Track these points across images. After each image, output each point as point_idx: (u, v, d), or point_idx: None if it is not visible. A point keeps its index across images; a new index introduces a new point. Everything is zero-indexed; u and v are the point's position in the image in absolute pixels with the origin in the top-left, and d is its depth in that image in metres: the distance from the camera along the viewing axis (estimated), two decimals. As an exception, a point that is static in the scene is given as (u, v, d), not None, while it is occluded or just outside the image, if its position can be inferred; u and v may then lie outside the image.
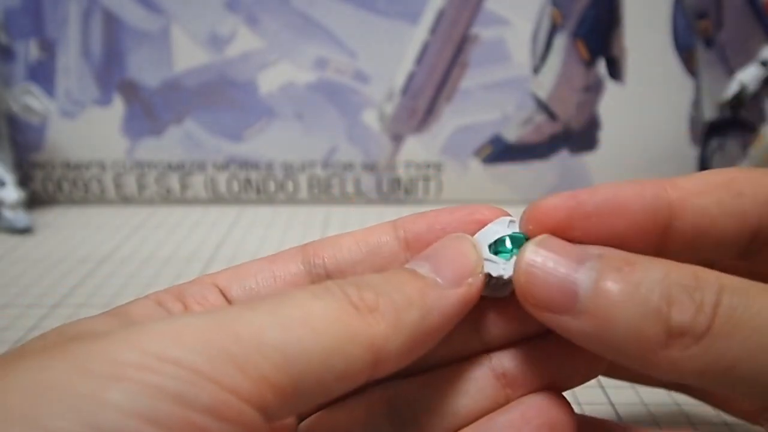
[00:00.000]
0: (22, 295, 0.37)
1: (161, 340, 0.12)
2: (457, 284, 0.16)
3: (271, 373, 0.13)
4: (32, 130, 0.50)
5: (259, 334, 0.13)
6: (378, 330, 0.14)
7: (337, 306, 0.14)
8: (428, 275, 0.16)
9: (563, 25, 0.49)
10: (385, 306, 0.15)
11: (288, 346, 0.13)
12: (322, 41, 0.49)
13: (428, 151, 0.51)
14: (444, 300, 0.15)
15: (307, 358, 0.13)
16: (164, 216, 0.50)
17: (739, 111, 0.49)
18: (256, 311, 0.14)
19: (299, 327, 0.13)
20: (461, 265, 0.16)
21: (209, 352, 0.12)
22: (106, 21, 0.49)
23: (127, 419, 0.11)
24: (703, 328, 0.14)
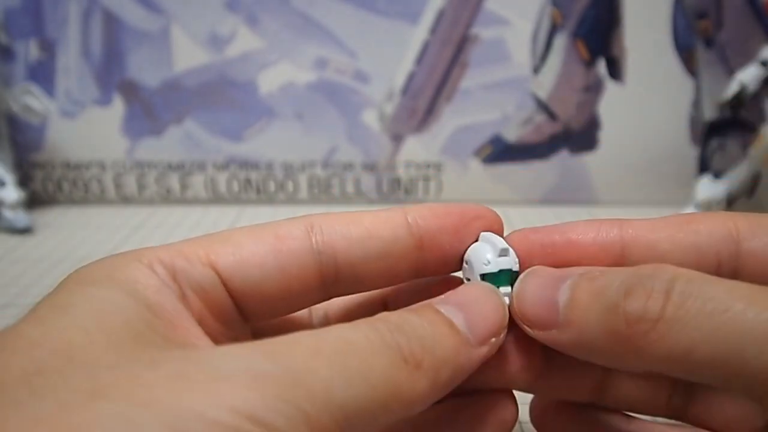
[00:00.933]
0: (22, 295, 0.37)
1: (246, 395, 0.12)
2: (483, 343, 0.17)
3: (330, 427, 0.13)
4: (32, 130, 0.50)
5: (329, 392, 0.13)
6: (420, 389, 0.15)
7: (393, 361, 0.15)
8: (462, 329, 0.16)
9: (563, 25, 0.49)
10: (428, 363, 0.15)
11: (349, 405, 0.13)
12: (322, 41, 0.49)
13: (428, 151, 0.51)
14: (471, 358, 0.16)
15: (362, 415, 0.14)
16: (164, 216, 0.50)
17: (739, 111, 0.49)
18: (323, 363, 0.14)
19: (360, 383, 0.14)
20: (491, 324, 0.17)
21: (291, 413, 0.12)
22: (106, 21, 0.49)
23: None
24: (655, 313, 0.15)
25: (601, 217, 0.19)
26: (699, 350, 0.14)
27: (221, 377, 0.12)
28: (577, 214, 0.51)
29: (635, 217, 0.18)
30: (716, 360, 0.14)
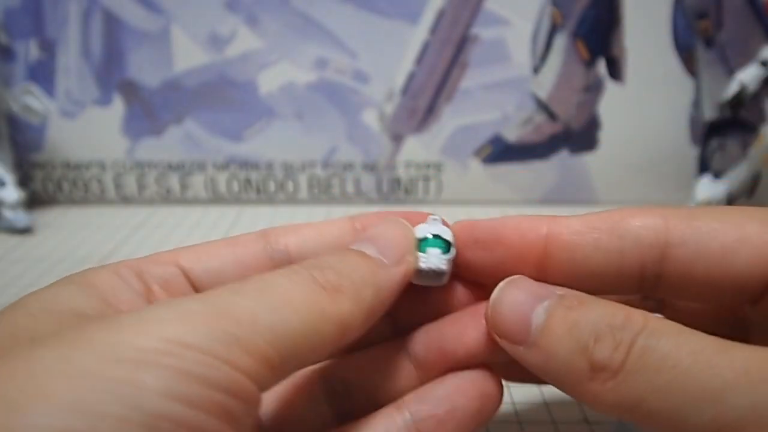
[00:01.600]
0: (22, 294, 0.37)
1: (174, 327, 0.13)
2: (398, 263, 0.18)
3: (266, 350, 0.14)
4: (32, 130, 0.51)
5: (253, 315, 0.14)
6: (344, 308, 0.16)
7: (310, 289, 0.16)
8: (376, 256, 0.18)
9: (563, 25, 0.49)
10: (347, 287, 0.17)
11: (277, 326, 0.15)
12: (322, 41, 0.49)
13: (428, 151, 0.51)
14: (391, 277, 0.18)
15: (293, 336, 0.15)
16: (164, 216, 0.50)
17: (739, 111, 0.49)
18: (246, 296, 0.15)
19: (284, 309, 0.15)
20: (401, 245, 0.19)
21: (220, 336, 0.14)
22: (106, 21, 0.49)
23: (165, 400, 0.12)
24: (617, 364, 0.15)
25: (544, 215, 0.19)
26: (647, 403, 0.15)
27: (152, 318, 0.14)
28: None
29: None
30: (662, 414, 0.15)
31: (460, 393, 0.18)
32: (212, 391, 0.13)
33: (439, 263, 0.19)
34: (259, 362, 0.14)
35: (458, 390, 0.19)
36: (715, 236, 0.17)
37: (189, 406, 0.12)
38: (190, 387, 0.13)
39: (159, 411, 0.12)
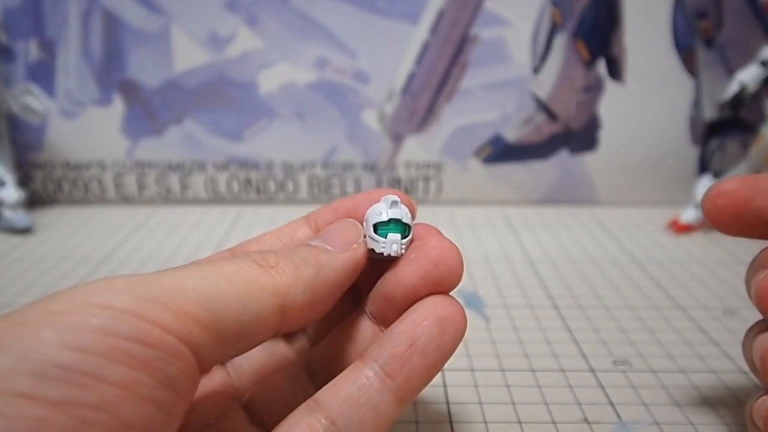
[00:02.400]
0: (23, 295, 0.37)
1: (91, 291, 0.14)
2: (344, 250, 0.19)
3: (191, 308, 0.15)
4: (32, 130, 0.51)
5: (179, 281, 0.15)
6: (281, 279, 0.17)
7: (245, 264, 0.17)
8: (319, 244, 0.19)
9: (563, 25, 0.49)
10: (284, 264, 0.18)
11: (204, 289, 0.15)
12: (322, 41, 0.49)
13: (428, 151, 0.51)
14: (334, 259, 0.19)
15: (223, 298, 0.16)
16: (164, 216, 0.50)
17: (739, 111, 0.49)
18: (176, 270, 0.16)
19: (214, 276, 0.16)
20: (346, 236, 0.20)
21: (134, 295, 0.14)
22: (106, 21, 0.49)
23: (57, 349, 0.13)
24: None
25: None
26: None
27: (81, 287, 0.15)
28: (577, 214, 0.51)
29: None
30: None
31: (415, 324, 0.19)
32: (113, 339, 0.13)
33: (397, 250, 0.20)
34: (182, 318, 0.15)
35: (413, 322, 0.19)
36: None
37: (86, 353, 0.13)
38: (86, 336, 0.13)
39: (49, 359, 0.13)
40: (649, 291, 0.38)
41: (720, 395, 0.27)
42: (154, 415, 0.14)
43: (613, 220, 0.49)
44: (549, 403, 0.27)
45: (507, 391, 0.27)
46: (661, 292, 0.37)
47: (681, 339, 0.32)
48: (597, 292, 0.37)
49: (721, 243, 0.45)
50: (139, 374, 0.14)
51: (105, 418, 0.13)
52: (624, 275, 0.40)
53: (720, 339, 0.32)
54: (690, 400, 0.27)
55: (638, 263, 0.42)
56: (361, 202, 0.22)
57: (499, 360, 0.30)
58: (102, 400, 0.13)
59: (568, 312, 0.35)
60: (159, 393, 0.14)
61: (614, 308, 0.35)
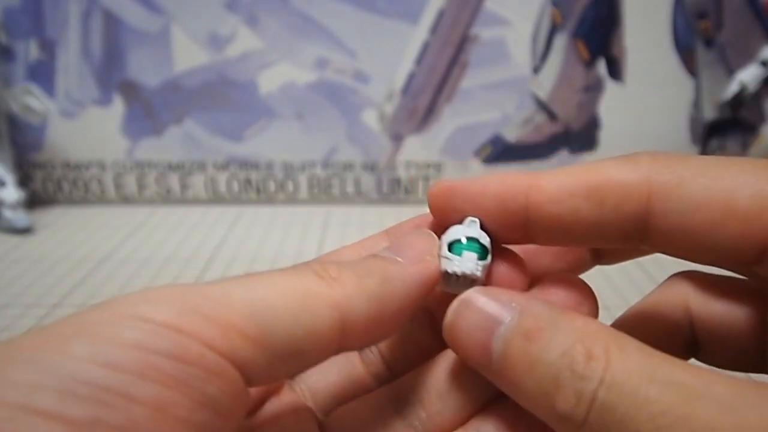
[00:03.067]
0: (23, 294, 0.37)
1: (131, 302, 0.13)
2: (415, 262, 0.17)
3: (237, 320, 0.14)
4: (32, 130, 0.50)
5: (227, 292, 0.14)
6: (340, 292, 0.16)
7: (301, 275, 0.16)
8: (388, 256, 0.17)
9: (563, 25, 0.49)
10: (347, 275, 0.16)
11: (254, 300, 0.14)
12: (322, 41, 0.49)
13: (428, 151, 0.51)
14: (404, 272, 0.17)
15: (274, 310, 0.14)
16: (164, 216, 0.50)
17: (739, 111, 0.49)
18: (224, 280, 0.15)
19: (265, 287, 0.15)
20: (418, 246, 0.18)
21: (175, 306, 0.13)
22: (106, 21, 0.49)
23: (89, 365, 0.12)
24: (580, 419, 0.15)
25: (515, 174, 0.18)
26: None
27: (123, 298, 0.14)
28: (577, 214, 0.51)
29: None
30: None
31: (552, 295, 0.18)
32: (148, 355, 0.13)
33: (473, 268, 0.18)
34: (228, 332, 0.13)
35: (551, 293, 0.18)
36: (699, 209, 0.16)
37: (116, 369, 0.12)
38: (119, 351, 0.12)
39: (77, 375, 0.12)
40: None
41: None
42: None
43: (613, 220, 0.49)
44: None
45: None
46: (661, 292, 0.37)
47: (681, 339, 0.32)
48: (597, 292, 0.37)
49: (721, 243, 0.45)
50: (173, 394, 0.13)
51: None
52: (624, 275, 0.40)
53: (720, 339, 0.32)
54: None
55: (638, 263, 0.42)
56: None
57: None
58: (130, 421, 0.12)
59: (568, 312, 0.35)
60: (197, 414, 0.13)
61: (614, 308, 0.35)
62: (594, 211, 0.17)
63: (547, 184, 0.17)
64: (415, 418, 0.18)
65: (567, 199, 0.17)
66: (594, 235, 0.18)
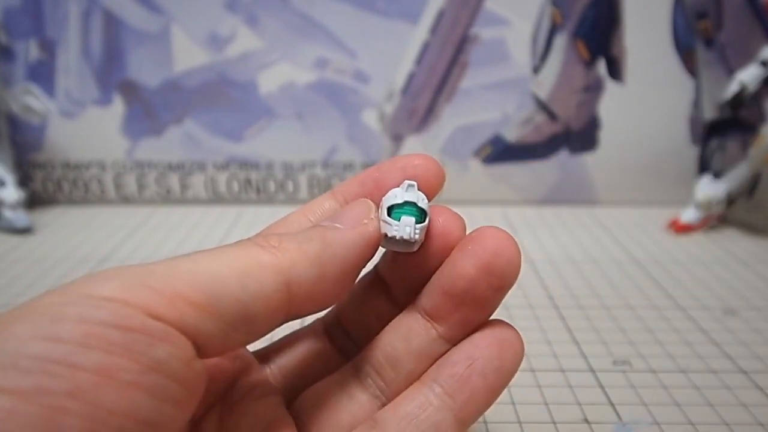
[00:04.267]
0: (22, 295, 0.37)
1: (81, 282, 0.14)
2: (354, 226, 0.18)
3: (184, 289, 0.14)
4: (32, 130, 0.51)
5: (173, 265, 0.15)
6: (282, 257, 0.16)
7: (244, 246, 0.17)
8: (329, 224, 0.18)
9: (563, 25, 0.49)
10: (287, 243, 0.17)
11: (200, 271, 0.15)
12: (322, 41, 0.49)
13: (428, 150, 0.51)
14: (343, 235, 0.18)
15: (220, 278, 0.15)
16: (164, 216, 0.50)
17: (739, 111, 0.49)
18: (171, 258, 0.16)
19: (209, 259, 0.16)
20: (356, 213, 0.19)
21: (121, 282, 0.14)
22: (106, 21, 0.49)
23: (31, 341, 0.13)
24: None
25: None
26: None
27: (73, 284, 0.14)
28: (577, 214, 0.51)
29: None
30: None
31: (474, 345, 0.18)
32: (91, 326, 0.13)
33: (410, 232, 0.19)
34: (175, 301, 0.14)
35: (471, 344, 0.18)
36: None
37: (59, 342, 0.13)
38: (65, 326, 0.13)
39: (19, 350, 0.13)
40: (649, 291, 0.38)
41: (720, 395, 0.27)
42: (143, 400, 0.13)
43: (613, 220, 0.49)
44: (549, 403, 0.27)
45: (507, 391, 0.27)
46: (660, 292, 0.37)
47: (681, 339, 0.32)
48: (597, 292, 0.37)
49: (721, 243, 0.45)
50: (118, 359, 0.13)
51: (80, 405, 0.13)
52: (624, 275, 0.40)
53: (720, 339, 0.32)
54: (690, 400, 0.27)
55: (638, 263, 0.42)
56: (386, 171, 0.21)
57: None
58: (76, 387, 0.13)
59: (568, 312, 0.35)
60: (146, 378, 0.14)
61: (614, 308, 0.35)
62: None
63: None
64: (376, 388, 0.19)
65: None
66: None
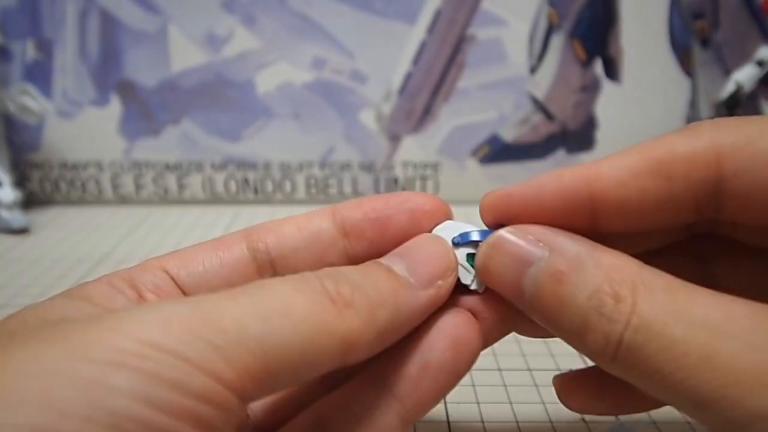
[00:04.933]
0: (20, 295, 0.37)
1: (153, 330, 0.13)
2: (428, 286, 0.17)
3: (252, 364, 0.13)
4: (29, 130, 0.50)
5: (242, 326, 0.14)
6: (351, 326, 0.15)
7: (316, 300, 0.15)
8: (402, 274, 0.17)
9: (560, 25, 0.49)
10: (360, 302, 0.15)
11: (268, 339, 0.14)
12: (319, 41, 0.49)
13: (425, 151, 0.52)
14: (414, 300, 0.17)
15: (285, 350, 0.14)
16: (162, 216, 0.50)
17: (735, 111, 0.49)
18: (238, 302, 0.14)
19: (279, 320, 0.14)
20: (435, 267, 0.17)
21: (198, 343, 0.13)
22: (103, 21, 0.49)
23: (132, 403, 0.12)
24: (609, 357, 0.15)
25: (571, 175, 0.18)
26: (645, 387, 0.15)
27: (132, 318, 0.13)
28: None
29: None
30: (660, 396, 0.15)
31: (428, 348, 0.17)
32: (184, 398, 0.13)
33: (469, 281, 0.18)
34: (242, 376, 0.13)
35: (426, 345, 0.17)
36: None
37: (157, 409, 0.12)
38: (161, 391, 0.12)
39: (124, 412, 0.12)
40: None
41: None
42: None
43: (610, 219, 0.49)
44: (546, 402, 0.27)
45: (504, 390, 0.27)
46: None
47: (677, 338, 0.32)
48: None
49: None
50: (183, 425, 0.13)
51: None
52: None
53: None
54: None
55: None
56: (395, 207, 0.19)
57: (496, 359, 0.30)
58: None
59: (565, 311, 0.35)
60: None
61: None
62: (662, 188, 0.17)
63: (608, 170, 0.17)
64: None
65: (632, 180, 0.17)
66: (666, 213, 0.17)
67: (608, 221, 0.17)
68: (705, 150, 0.16)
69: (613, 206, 0.17)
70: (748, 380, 0.13)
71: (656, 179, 0.16)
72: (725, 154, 0.16)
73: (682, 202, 0.17)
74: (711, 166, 0.16)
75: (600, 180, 0.17)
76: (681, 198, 0.17)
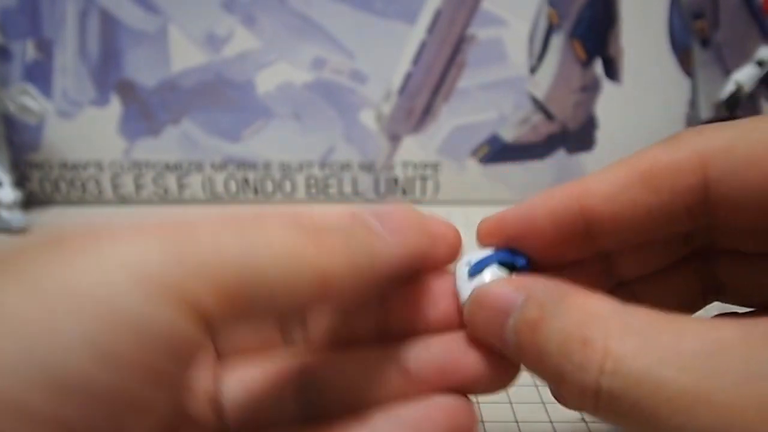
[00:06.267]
0: (20, 295, 0.37)
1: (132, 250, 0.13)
2: (401, 243, 0.17)
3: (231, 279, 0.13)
4: (29, 130, 0.50)
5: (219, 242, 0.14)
6: (331, 262, 0.15)
7: (296, 234, 0.15)
8: (377, 229, 0.17)
9: (560, 25, 0.49)
10: (338, 242, 0.15)
11: (245, 259, 0.14)
12: (319, 41, 0.49)
13: (425, 151, 0.52)
14: (387, 250, 0.16)
15: (263, 270, 0.14)
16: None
17: (735, 111, 0.49)
18: (212, 227, 0.14)
19: (257, 241, 0.14)
20: (405, 225, 0.17)
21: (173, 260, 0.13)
22: (104, 21, 0.49)
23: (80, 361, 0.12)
24: (591, 408, 0.14)
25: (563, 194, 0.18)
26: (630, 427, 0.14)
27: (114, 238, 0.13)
28: (574, 214, 0.51)
29: None
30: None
31: (428, 420, 0.17)
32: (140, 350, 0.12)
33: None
34: (219, 299, 0.13)
35: (428, 417, 0.17)
36: (755, 164, 0.15)
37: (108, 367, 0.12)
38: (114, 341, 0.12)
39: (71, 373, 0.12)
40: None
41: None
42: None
43: (610, 219, 0.49)
44: (546, 402, 0.27)
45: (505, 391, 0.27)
46: (657, 292, 0.37)
47: (677, 338, 0.32)
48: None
49: (717, 242, 0.45)
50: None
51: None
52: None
53: (716, 338, 0.32)
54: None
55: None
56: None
57: (496, 359, 0.30)
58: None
59: (565, 311, 0.35)
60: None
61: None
62: (651, 198, 0.17)
63: (596, 185, 0.17)
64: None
65: (619, 194, 0.17)
66: (659, 223, 0.17)
67: (604, 236, 0.18)
68: (689, 158, 0.16)
69: (605, 221, 0.17)
70: (751, 417, 0.12)
71: (643, 191, 0.17)
72: (709, 159, 0.16)
73: (673, 211, 0.17)
74: (696, 173, 0.16)
75: (588, 196, 0.17)
76: (671, 207, 0.17)
